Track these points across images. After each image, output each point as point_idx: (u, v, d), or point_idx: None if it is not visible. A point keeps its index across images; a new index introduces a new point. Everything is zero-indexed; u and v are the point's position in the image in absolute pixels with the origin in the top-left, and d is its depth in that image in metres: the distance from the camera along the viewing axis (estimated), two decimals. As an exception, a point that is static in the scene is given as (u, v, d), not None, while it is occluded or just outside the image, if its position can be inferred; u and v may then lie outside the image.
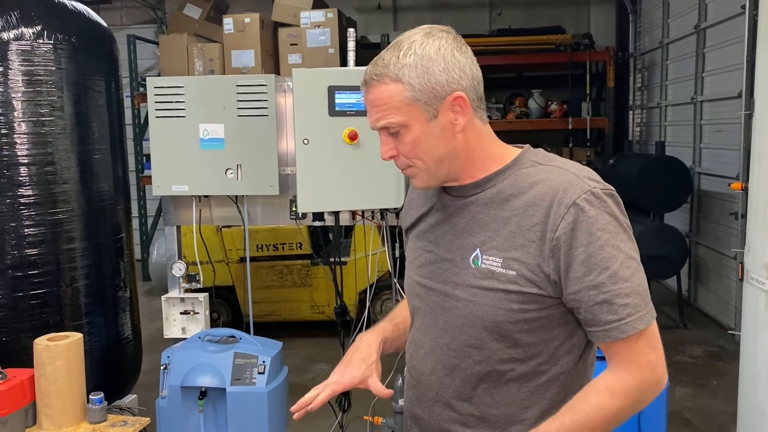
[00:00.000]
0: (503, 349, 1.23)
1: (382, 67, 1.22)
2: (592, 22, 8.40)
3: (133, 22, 8.95)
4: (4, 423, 1.98)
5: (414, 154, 1.24)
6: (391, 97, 1.21)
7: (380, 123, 1.23)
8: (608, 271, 1.15)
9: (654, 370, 1.19)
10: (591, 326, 1.19)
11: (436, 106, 1.21)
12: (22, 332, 2.79)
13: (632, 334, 1.16)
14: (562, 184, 1.19)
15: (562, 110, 7.70)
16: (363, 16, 8.28)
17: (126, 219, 3.28)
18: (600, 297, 1.16)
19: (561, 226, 1.16)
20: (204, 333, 3.07)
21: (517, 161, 1.27)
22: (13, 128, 2.76)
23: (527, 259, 1.19)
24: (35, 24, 2.77)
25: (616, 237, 1.17)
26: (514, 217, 1.21)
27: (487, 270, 1.22)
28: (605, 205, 1.17)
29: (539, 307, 1.20)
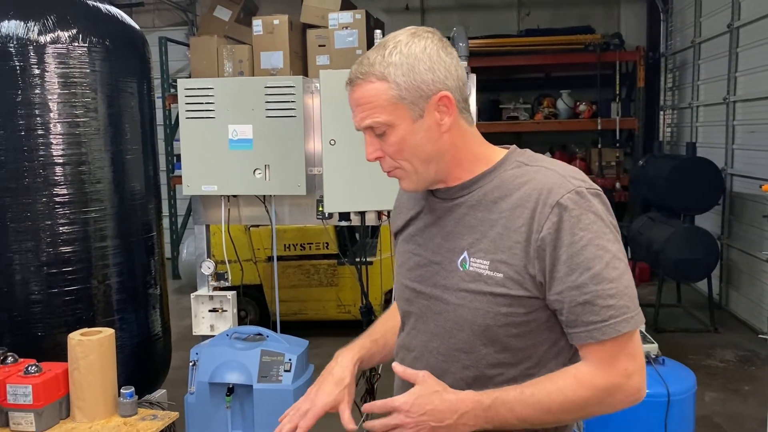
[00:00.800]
0: (492, 353, 1.22)
1: (367, 66, 1.20)
2: (622, 22, 8.30)
3: (165, 24, 9.10)
4: (39, 414, 2.04)
5: (400, 155, 1.22)
6: (376, 95, 1.19)
7: (365, 122, 1.21)
8: (591, 271, 1.13)
9: (629, 378, 1.16)
10: (573, 327, 1.17)
11: (421, 105, 1.20)
12: (56, 327, 2.86)
13: (613, 337, 1.14)
14: (547, 185, 1.18)
15: (591, 111, 7.63)
16: (391, 17, 8.30)
17: (157, 218, 3.34)
18: (582, 297, 1.14)
19: (546, 226, 1.15)
20: (232, 331, 3.12)
21: (503, 162, 1.26)
22: (49, 129, 2.83)
23: (513, 260, 1.17)
24: (71, 27, 2.84)
25: (601, 237, 1.14)
26: (501, 219, 1.20)
27: (474, 273, 1.21)
28: (590, 205, 1.16)
29: (527, 310, 1.19)
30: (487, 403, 1.16)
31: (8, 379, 2.05)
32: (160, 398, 2.73)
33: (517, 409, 1.15)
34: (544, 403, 1.15)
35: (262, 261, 5.48)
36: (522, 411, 1.16)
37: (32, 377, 2.06)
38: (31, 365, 2.10)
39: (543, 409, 1.16)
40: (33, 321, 2.86)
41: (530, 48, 7.48)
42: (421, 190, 1.29)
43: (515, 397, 1.16)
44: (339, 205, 2.95)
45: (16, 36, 2.76)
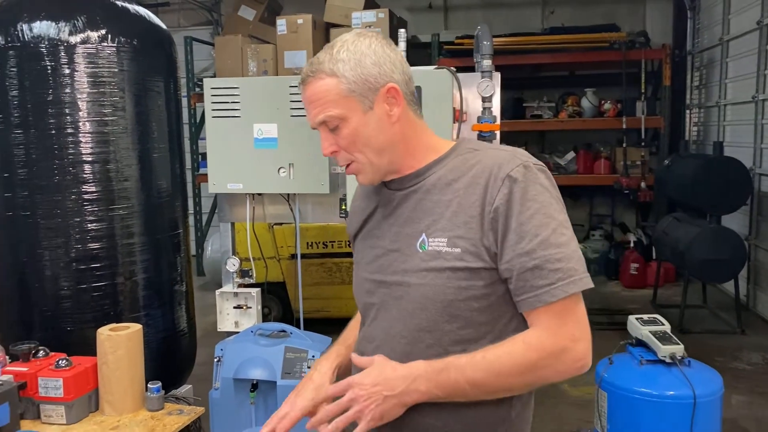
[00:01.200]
0: (455, 330, 1.26)
1: (317, 65, 1.27)
2: (647, 20, 8.20)
3: (190, 23, 9.19)
4: (70, 407, 2.08)
5: (354, 147, 1.28)
6: (327, 91, 1.25)
7: (319, 117, 1.27)
8: (539, 237, 1.19)
9: (575, 343, 1.20)
10: (522, 294, 1.21)
11: (371, 97, 1.26)
12: (85, 322, 2.91)
13: (560, 300, 1.18)
14: (497, 161, 1.25)
15: (616, 109, 7.56)
16: (414, 16, 8.30)
17: (183, 215, 3.38)
18: (531, 263, 1.19)
19: (498, 198, 1.21)
20: (256, 327, 3.15)
21: (455, 149, 1.33)
22: (79, 128, 2.88)
23: (470, 234, 1.23)
24: (100, 28, 2.88)
25: (549, 206, 1.21)
26: (455, 198, 1.26)
27: (433, 251, 1.26)
28: (536, 177, 1.23)
29: (486, 282, 1.23)
30: (439, 367, 1.19)
31: (40, 373, 2.10)
32: (185, 393, 2.77)
33: (468, 371, 1.19)
34: (494, 365, 1.19)
35: (285, 259, 5.52)
36: (473, 374, 1.19)
37: (63, 371, 2.10)
38: (61, 359, 2.15)
39: (493, 372, 1.19)
40: (62, 316, 2.92)
41: (555, 46, 7.42)
42: (377, 182, 1.34)
43: (466, 361, 1.20)
44: (362, 204, 2.97)
45: (48, 36, 2.81)
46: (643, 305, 6.37)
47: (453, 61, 6.82)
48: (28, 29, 2.81)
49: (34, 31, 2.81)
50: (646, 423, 2.72)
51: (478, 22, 8.59)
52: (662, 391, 2.71)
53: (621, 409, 2.81)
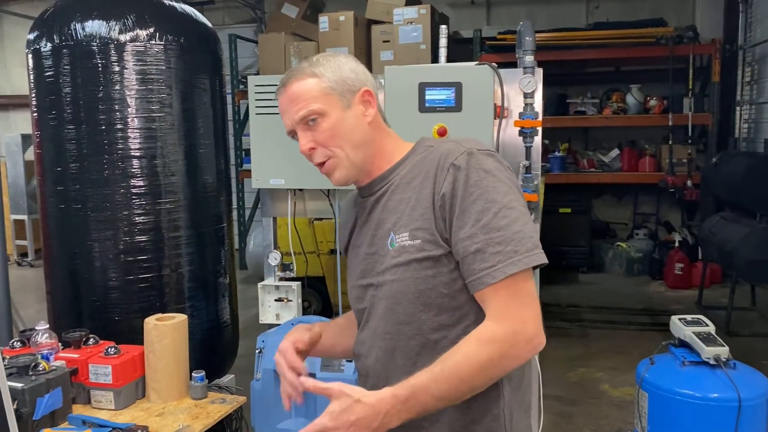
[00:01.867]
0: (431, 318, 1.30)
1: (297, 70, 1.37)
2: (697, 14, 7.99)
3: (234, 21, 9.34)
4: (118, 393, 2.16)
5: (332, 141, 1.34)
6: (310, 88, 1.34)
7: (300, 113, 1.33)
8: (480, 222, 1.23)
9: (525, 324, 1.22)
10: (468, 278, 1.25)
11: (349, 97, 1.35)
12: (132, 313, 3.00)
13: (502, 281, 1.20)
14: (444, 152, 1.31)
15: (662, 106, 7.39)
16: (456, 12, 8.26)
17: (227, 210, 3.45)
18: (473, 247, 1.23)
19: (444, 186, 1.27)
20: (296, 320, 3.20)
21: (414, 149, 1.40)
22: (127, 124, 2.97)
23: (426, 224, 1.28)
24: (148, 26, 2.96)
25: (492, 191, 1.24)
26: (413, 194, 1.32)
27: (399, 247, 1.31)
28: (480, 162, 1.27)
29: (449, 269, 1.28)
30: (405, 395, 1.19)
31: (90, 359, 2.18)
32: (228, 383, 2.83)
33: (433, 388, 1.19)
34: (454, 373, 1.19)
35: (325, 254, 5.57)
36: (438, 389, 1.19)
37: (112, 358, 2.18)
38: (110, 347, 2.22)
39: (456, 380, 1.19)
40: (110, 306, 3.02)
41: (599, 42, 7.30)
42: (351, 180, 1.40)
43: (428, 378, 1.20)
44: (402, 200, 2.99)
45: (99, 35, 2.91)
46: (688, 306, 6.23)
47: (495, 57, 6.77)
48: (81, 28, 2.91)
49: (86, 30, 2.91)
50: (687, 425, 2.67)
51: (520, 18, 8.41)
52: (705, 393, 2.66)
53: (662, 410, 2.77)
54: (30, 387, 1.91)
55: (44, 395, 1.93)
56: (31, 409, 1.89)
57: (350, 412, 1.19)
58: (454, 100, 2.86)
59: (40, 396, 1.92)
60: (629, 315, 6.17)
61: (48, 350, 2.18)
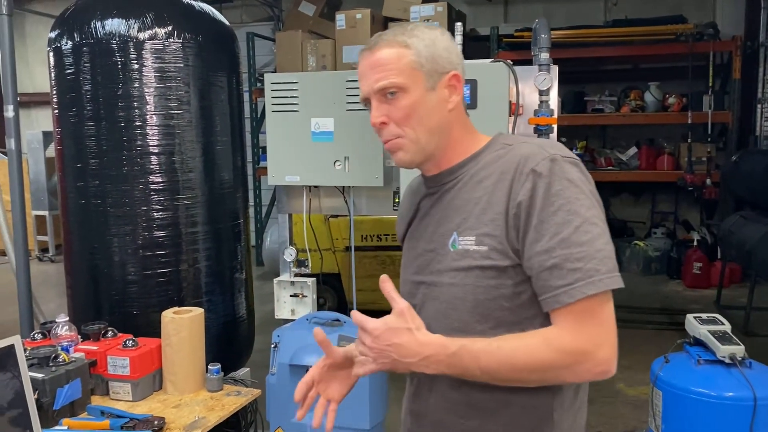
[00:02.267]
0: (487, 330, 1.22)
1: (389, 35, 1.26)
2: (717, 10, 7.90)
3: (252, 19, 9.40)
4: (135, 385, 2.20)
5: (407, 121, 1.25)
6: (397, 58, 1.23)
7: (381, 83, 1.23)
8: (560, 235, 1.14)
9: (598, 347, 1.14)
10: (542, 294, 1.17)
11: (435, 78, 1.25)
12: (150, 307, 3.05)
13: (580, 300, 1.12)
14: (524, 155, 1.21)
15: (681, 104, 7.33)
16: (473, 9, 8.25)
17: (243, 206, 3.49)
18: (550, 262, 1.14)
19: (521, 193, 1.17)
20: (311, 315, 3.23)
21: (489, 145, 1.30)
22: (146, 121, 3.01)
23: (496, 231, 1.20)
24: (167, 24, 3.00)
25: (573, 202, 1.15)
26: (484, 195, 1.23)
27: (462, 250, 1.24)
28: (563, 171, 1.17)
29: (514, 281, 1.20)
30: (452, 350, 1.16)
31: (109, 352, 2.22)
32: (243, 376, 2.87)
33: (482, 359, 1.15)
34: (509, 357, 1.15)
35: (341, 251, 5.61)
36: (487, 362, 1.15)
37: (129, 350, 2.22)
38: (128, 339, 2.26)
39: (508, 364, 1.15)
40: (129, 300, 3.07)
41: (617, 39, 7.25)
42: (415, 164, 1.31)
43: (482, 348, 1.15)
44: (416, 197, 3.00)
45: (118, 33, 2.95)
46: (706, 306, 6.18)
47: (512, 54, 6.75)
48: (100, 26, 2.96)
49: (106, 29, 2.96)
50: (702, 424, 2.66)
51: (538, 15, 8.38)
52: (720, 391, 2.65)
53: (676, 408, 2.75)
54: (50, 377, 1.95)
55: (64, 386, 1.98)
56: (51, 399, 1.94)
57: (397, 334, 1.17)
58: (470, 97, 2.87)
59: (60, 386, 1.97)
60: (646, 314, 6.13)
61: (68, 342, 2.23)
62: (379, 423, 3.12)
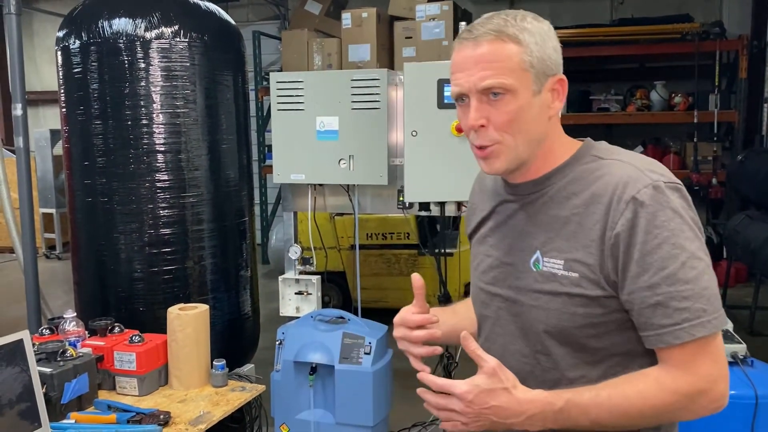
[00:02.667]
0: (570, 353, 1.16)
1: (500, 25, 1.13)
2: (724, 9, 7.88)
3: (258, 18, 9.42)
4: (142, 380, 2.23)
5: (508, 126, 1.14)
6: (509, 57, 1.11)
7: (488, 82, 1.11)
8: (665, 271, 1.06)
9: (714, 384, 1.09)
10: (644, 331, 1.10)
11: (542, 81, 1.14)
12: (156, 303, 3.08)
13: (689, 341, 1.06)
14: (622, 178, 1.11)
15: (687, 103, 7.31)
16: (479, 8, 8.22)
17: (249, 204, 3.51)
18: (654, 299, 1.07)
19: (620, 222, 1.08)
20: (316, 313, 3.26)
21: (577, 156, 1.20)
22: (152, 119, 3.03)
23: (589, 259, 1.12)
24: (173, 24, 3.03)
25: (678, 235, 1.07)
26: (574, 216, 1.14)
27: (548, 273, 1.16)
28: (667, 200, 1.08)
29: (604, 311, 1.12)
30: (559, 406, 1.09)
31: (115, 347, 2.25)
32: (248, 372, 2.90)
33: (592, 412, 1.09)
34: (621, 406, 1.08)
35: (345, 249, 5.63)
36: (597, 414, 1.09)
37: (136, 346, 2.25)
38: (134, 335, 2.30)
39: (620, 413, 1.09)
40: (135, 297, 3.09)
41: (623, 38, 7.24)
42: (508, 172, 1.21)
43: (590, 400, 1.09)
44: (419, 196, 3.02)
45: (125, 32, 2.98)
46: (711, 305, 6.16)
47: (517, 54, 6.75)
48: (108, 26, 2.99)
49: (113, 28, 2.99)
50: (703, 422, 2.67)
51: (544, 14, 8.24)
52: (722, 390, 2.65)
53: (679, 407, 2.76)
54: (58, 372, 1.98)
55: (72, 380, 2.01)
56: (59, 393, 1.97)
57: (494, 396, 1.08)
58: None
59: (67, 381, 2.00)
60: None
61: (75, 338, 2.26)
62: (383, 420, 3.15)
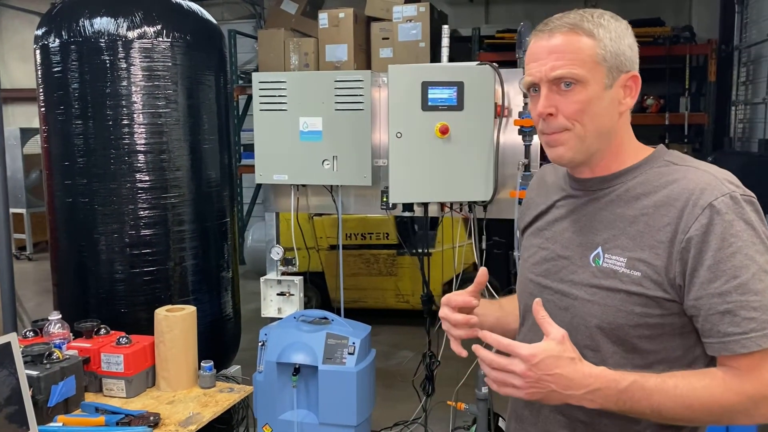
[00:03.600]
0: (620, 352, 1.16)
1: (575, 19, 1.17)
2: (693, 14, 8.07)
3: (234, 17, 9.37)
4: (129, 382, 2.22)
5: (578, 115, 1.16)
6: (581, 49, 1.15)
7: (559, 72, 1.14)
8: (737, 280, 1.07)
9: None
10: (708, 337, 1.11)
11: (615, 76, 1.16)
12: (138, 305, 3.06)
13: (755, 351, 1.07)
14: (699, 185, 1.12)
15: (659, 105, 7.46)
16: (454, 10, 8.31)
17: (230, 205, 3.50)
18: (723, 306, 1.08)
19: (693, 227, 1.09)
20: (299, 313, 3.26)
21: (649, 160, 1.21)
22: (134, 119, 3.01)
23: (654, 260, 1.12)
24: (156, 23, 3.01)
25: (751, 246, 1.08)
26: (642, 216, 1.15)
27: (609, 269, 1.16)
28: (743, 212, 1.10)
29: (663, 312, 1.13)
30: (624, 386, 1.08)
31: (102, 349, 2.23)
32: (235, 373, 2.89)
33: (655, 398, 1.08)
34: (687, 398, 1.08)
35: (325, 249, 5.63)
36: (660, 401, 1.08)
37: (123, 348, 2.23)
38: (122, 337, 2.28)
39: (684, 404, 1.08)
40: (116, 298, 3.07)
41: (596, 41, 7.36)
42: (574, 163, 1.22)
43: (656, 386, 1.08)
44: (404, 196, 3.04)
45: (107, 32, 2.96)
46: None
47: (493, 56, 6.83)
48: (89, 25, 2.96)
49: (94, 27, 2.96)
50: None
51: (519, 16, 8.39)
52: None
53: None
54: (45, 375, 1.96)
55: (58, 383, 1.99)
56: (46, 396, 1.95)
57: (559, 364, 1.08)
58: (456, 99, 2.92)
59: (54, 383, 1.98)
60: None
61: (60, 340, 2.24)
62: (366, 419, 3.17)
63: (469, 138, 2.96)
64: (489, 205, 3.11)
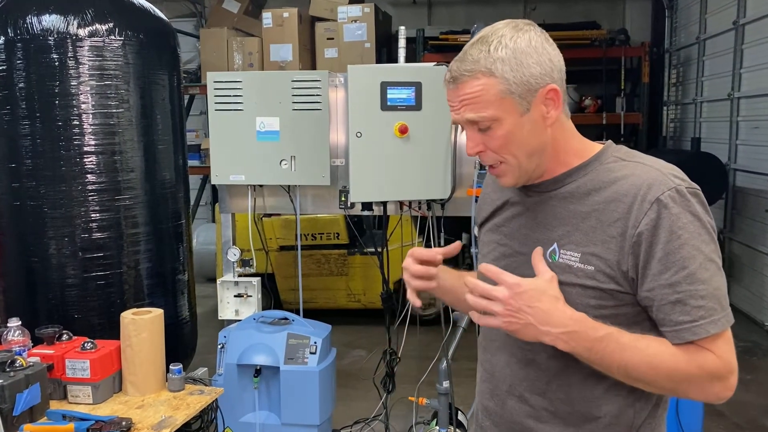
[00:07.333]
0: None
1: (471, 63, 1.18)
2: (627, 18, 8.41)
3: (173, 15, 9.15)
4: (96, 388, 2.16)
5: (505, 149, 1.21)
6: (483, 90, 1.17)
7: (469, 116, 1.19)
8: (685, 270, 1.12)
9: (731, 374, 1.15)
10: (663, 326, 1.16)
11: (529, 99, 1.18)
12: (91, 310, 2.97)
13: (704, 338, 1.13)
14: (647, 180, 1.16)
15: (597, 105, 7.74)
16: (398, 11, 8.39)
17: (185, 206, 3.44)
18: (674, 296, 1.13)
19: (643, 222, 1.13)
20: (258, 315, 3.24)
21: (598, 157, 1.25)
22: (84, 119, 2.92)
23: (607, 255, 1.16)
24: (107, 21, 2.93)
25: (697, 237, 1.13)
26: (594, 212, 1.19)
27: (564, 264, 1.20)
28: (689, 204, 1.14)
29: (616, 303, 1.18)
30: (600, 335, 1.13)
31: (67, 355, 2.17)
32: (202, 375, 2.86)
33: (627, 353, 1.13)
34: (654, 358, 1.13)
35: (274, 251, 5.59)
36: (630, 357, 1.13)
37: (89, 353, 2.18)
38: (87, 342, 2.22)
39: (651, 365, 1.13)
40: (68, 304, 2.98)
41: (536, 43, 7.56)
42: (520, 184, 1.28)
43: (629, 342, 1.13)
44: (364, 195, 3.06)
45: (56, 30, 2.86)
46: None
47: (438, 57, 6.93)
48: (36, 22, 2.86)
49: (42, 24, 2.86)
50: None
51: (460, 18, 8.59)
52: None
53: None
54: (9, 383, 1.90)
55: (23, 391, 1.93)
56: (10, 405, 1.88)
57: (543, 299, 1.13)
58: (414, 99, 2.97)
59: (19, 392, 1.91)
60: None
61: (19, 347, 2.16)
62: (328, 418, 3.18)
63: (427, 137, 3.01)
64: (447, 203, 3.17)
